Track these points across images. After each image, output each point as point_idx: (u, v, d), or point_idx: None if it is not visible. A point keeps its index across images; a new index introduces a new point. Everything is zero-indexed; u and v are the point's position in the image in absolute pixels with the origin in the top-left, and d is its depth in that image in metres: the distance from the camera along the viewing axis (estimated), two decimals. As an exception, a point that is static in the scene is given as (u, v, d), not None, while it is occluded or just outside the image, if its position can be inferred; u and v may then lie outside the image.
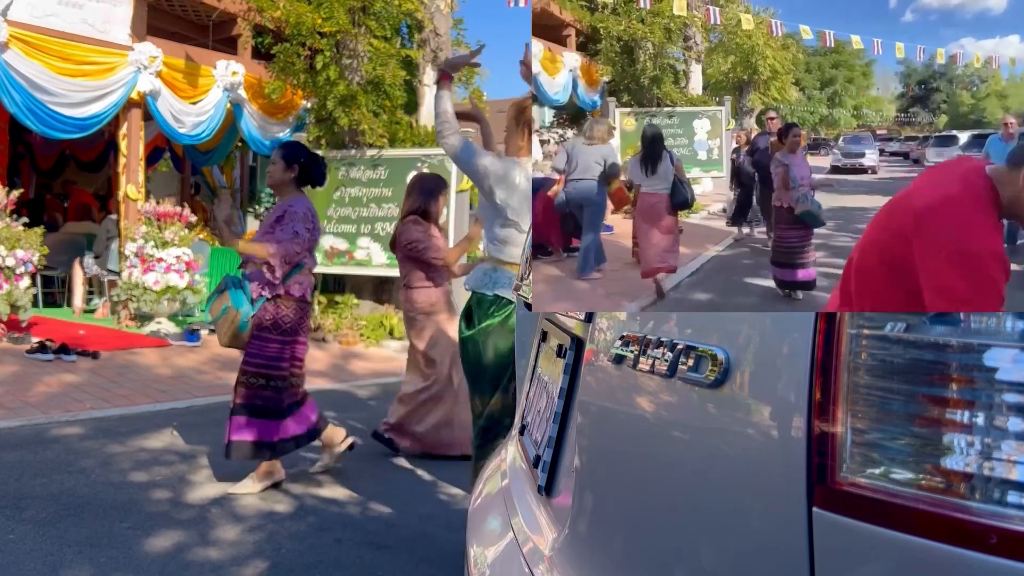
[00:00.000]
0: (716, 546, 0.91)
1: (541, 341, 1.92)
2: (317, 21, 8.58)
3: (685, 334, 1.03)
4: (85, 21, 8.03)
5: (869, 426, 0.73)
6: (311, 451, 4.72)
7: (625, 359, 1.15)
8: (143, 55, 8.40)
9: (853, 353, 0.75)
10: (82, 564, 2.94)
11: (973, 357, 0.67)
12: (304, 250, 3.84)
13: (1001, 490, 0.64)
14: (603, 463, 1.25)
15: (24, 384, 5.79)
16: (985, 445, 0.65)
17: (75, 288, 9.07)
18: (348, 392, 6.66)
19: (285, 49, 8.84)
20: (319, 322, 8.92)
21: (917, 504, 0.67)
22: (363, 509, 3.74)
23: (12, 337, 7.06)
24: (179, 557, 3.06)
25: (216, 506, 3.65)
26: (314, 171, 3.94)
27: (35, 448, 4.37)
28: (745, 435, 0.88)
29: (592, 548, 1.20)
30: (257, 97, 9.62)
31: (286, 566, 3.03)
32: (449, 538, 3.35)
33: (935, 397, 0.69)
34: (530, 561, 1.34)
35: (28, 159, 12.49)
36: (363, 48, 8.89)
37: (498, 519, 1.64)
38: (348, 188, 9.38)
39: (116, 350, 7.23)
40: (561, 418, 1.49)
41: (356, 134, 9.06)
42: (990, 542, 0.62)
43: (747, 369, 0.89)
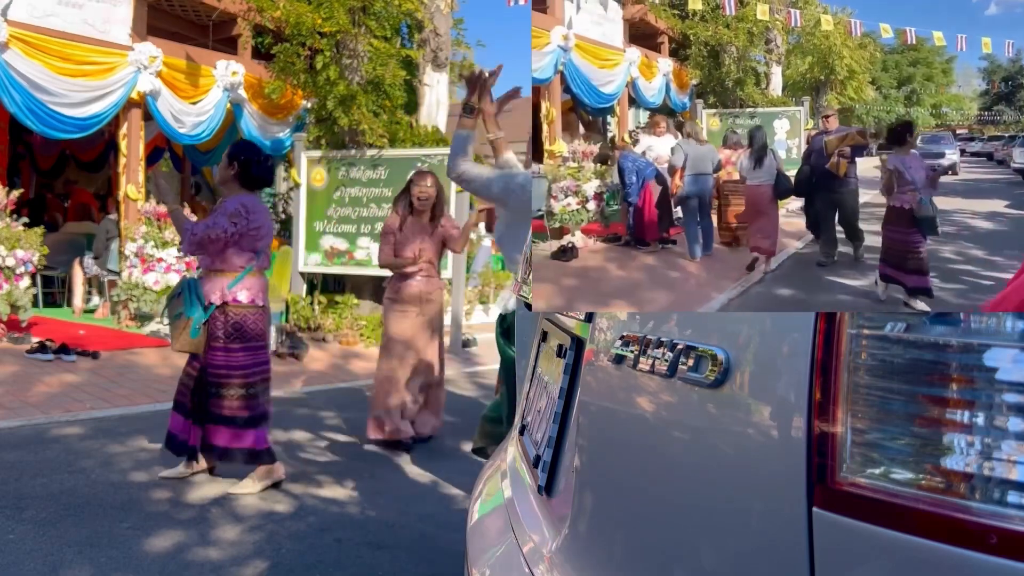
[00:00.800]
0: (716, 546, 0.91)
1: (541, 341, 1.92)
2: (317, 21, 8.57)
3: (685, 334, 1.03)
4: (85, 21, 8.03)
5: (869, 426, 0.73)
6: (313, 451, 4.72)
7: (625, 359, 1.15)
8: (143, 55, 8.39)
9: (853, 353, 0.75)
10: (82, 564, 2.94)
11: (973, 357, 0.67)
12: (223, 242, 3.78)
13: (1001, 490, 0.64)
14: (603, 463, 1.25)
15: (24, 384, 5.79)
16: (985, 445, 0.65)
17: (75, 288, 9.06)
18: (348, 392, 6.66)
19: (285, 49, 8.84)
20: (319, 322, 8.92)
21: (917, 504, 0.67)
22: (363, 509, 3.74)
23: (12, 337, 7.06)
24: (179, 557, 3.06)
25: (216, 506, 3.65)
26: (253, 170, 3.90)
27: (35, 448, 4.37)
28: (745, 435, 0.88)
29: (592, 548, 1.20)
30: (257, 97, 9.62)
31: (286, 566, 3.03)
32: (449, 538, 3.35)
33: (935, 397, 0.69)
34: (530, 561, 1.34)
35: (28, 159, 12.49)
36: (363, 48, 8.89)
37: (498, 519, 1.64)
38: (348, 188, 9.38)
39: (116, 350, 7.22)
40: (561, 418, 1.49)
41: (356, 134, 9.06)
42: (990, 542, 0.62)
43: (747, 369, 0.89)
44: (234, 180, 3.89)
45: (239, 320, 3.84)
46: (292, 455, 4.55)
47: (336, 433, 5.18)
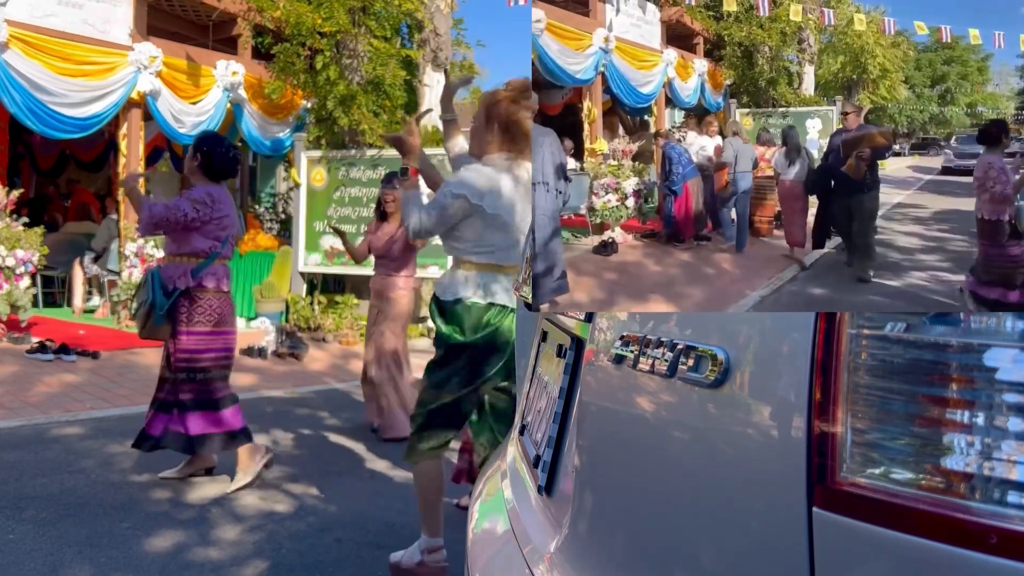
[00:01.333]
0: (716, 546, 0.91)
1: (541, 341, 1.92)
2: (317, 21, 8.57)
3: (685, 334, 1.03)
4: (85, 21, 8.03)
5: (869, 426, 0.73)
6: (313, 451, 4.72)
7: (625, 359, 1.15)
8: (143, 55, 8.39)
9: (853, 353, 0.75)
10: (82, 564, 2.94)
11: (973, 357, 0.67)
12: (183, 226, 3.78)
13: (1001, 490, 0.64)
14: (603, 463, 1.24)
15: (24, 384, 5.79)
16: (985, 445, 0.65)
17: (75, 288, 9.06)
18: (348, 392, 6.67)
19: (285, 49, 8.84)
20: (319, 322, 8.92)
21: (917, 504, 0.67)
22: (363, 509, 3.74)
23: (12, 337, 7.06)
24: (179, 557, 3.06)
25: (216, 506, 3.65)
26: (216, 161, 3.92)
27: (35, 448, 4.37)
28: (745, 435, 0.88)
29: (592, 548, 1.20)
30: (257, 97, 9.62)
31: (286, 566, 3.03)
32: (449, 538, 3.34)
33: (935, 397, 0.69)
34: (530, 561, 1.34)
35: (28, 159, 12.48)
36: (363, 48, 8.89)
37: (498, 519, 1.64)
38: (348, 188, 9.39)
39: (116, 350, 7.22)
40: (561, 418, 1.49)
41: (356, 134, 9.06)
42: (990, 542, 0.62)
43: (747, 369, 0.89)
44: (198, 170, 3.93)
45: (205, 305, 3.87)
46: (292, 455, 4.56)
47: (336, 433, 5.18)
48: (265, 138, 9.96)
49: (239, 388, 6.42)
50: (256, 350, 7.71)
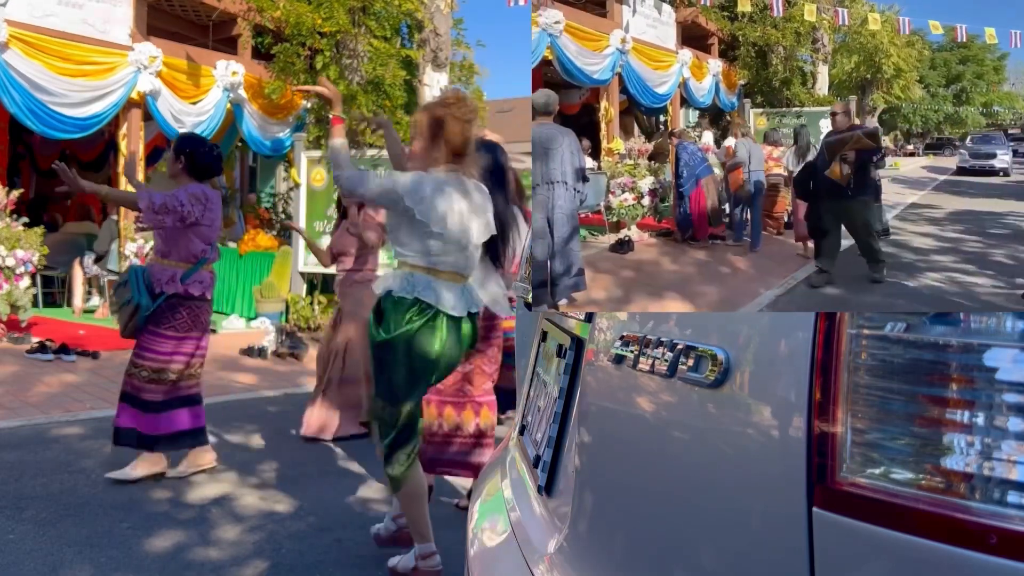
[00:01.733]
0: (716, 546, 0.91)
1: (541, 341, 1.92)
2: (317, 21, 8.57)
3: (685, 334, 1.03)
4: (85, 21, 8.03)
5: (869, 426, 0.73)
6: (313, 452, 4.71)
7: (625, 359, 1.15)
8: (143, 55, 8.39)
9: (853, 353, 0.75)
10: (82, 564, 2.94)
11: (973, 357, 0.67)
12: (180, 216, 3.78)
13: (1001, 490, 0.64)
14: (603, 463, 1.24)
15: (24, 384, 5.79)
16: (985, 445, 0.65)
17: (75, 288, 9.06)
18: (348, 392, 6.65)
19: (285, 49, 8.84)
20: (319, 322, 8.92)
21: (917, 504, 0.67)
22: (363, 509, 3.74)
23: (12, 337, 7.06)
24: (179, 557, 3.06)
25: (216, 506, 3.65)
26: (199, 160, 3.93)
27: (35, 448, 4.37)
28: (745, 435, 0.88)
29: (592, 548, 1.20)
30: (257, 97, 9.62)
31: (286, 566, 3.03)
32: (449, 538, 3.34)
33: (935, 397, 0.69)
34: (530, 561, 1.34)
35: (28, 159, 12.48)
36: (363, 48, 8.89)
37: (498, 519, 1.64)
38: (348, 188, 9.38)
39: (116, 350, 7.21)
40: (561, 418, 1.49)
41: (356, 134, 9.05)
42: (990, 542, 0.62)
43: (747, 369, 0.89)
44: (183, 173, 3.93)
45: (189, 312, 3.90)
46: (292, 455, 4.56)
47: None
48: (265, 138, 9.96)
49: (239, 388, 6.43)
50: (256, 350, 7.71)
